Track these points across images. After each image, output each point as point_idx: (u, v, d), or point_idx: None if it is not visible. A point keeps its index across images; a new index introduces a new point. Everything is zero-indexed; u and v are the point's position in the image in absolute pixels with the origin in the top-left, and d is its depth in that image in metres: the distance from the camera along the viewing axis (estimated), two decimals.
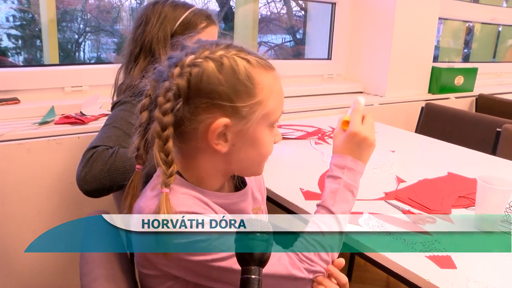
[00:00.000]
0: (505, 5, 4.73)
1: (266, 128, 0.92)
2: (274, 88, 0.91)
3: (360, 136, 1.05)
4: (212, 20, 1.51)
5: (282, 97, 0.94)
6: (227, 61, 0.86)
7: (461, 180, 1.65)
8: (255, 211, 1.11)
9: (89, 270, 0.83)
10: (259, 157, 0.95)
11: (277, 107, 0.92)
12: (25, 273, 1.85)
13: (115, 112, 1.41)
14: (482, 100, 3.44)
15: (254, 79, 0.87)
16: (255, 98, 0.87)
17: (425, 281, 1.01)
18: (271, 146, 0.95)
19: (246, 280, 0.69)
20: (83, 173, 1.23)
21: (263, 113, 0.89)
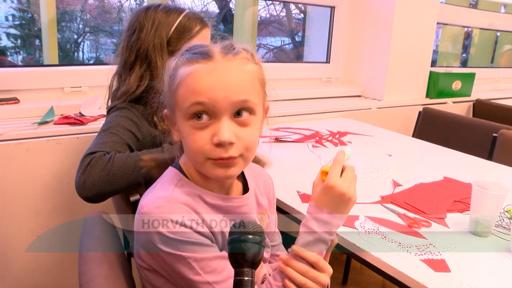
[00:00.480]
0: (503, 10, 4.75)
1: (184, 121, 0.90)
2: (184, 79, 0.89)
3: (336, 190, 0.96)
4: (205, 23, 1.51)
5: (195, 85, 0.88)
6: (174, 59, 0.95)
7: (456, 184, 1.66)
8: (260, 217, 1.12)
9: (87, 269, 0.84)
10: (190, 152, 0.92)
11: (186, 97, 0.88)
12: (22, 273, 1.85)
13: (111, 118, 1.42)
14: (479, 105, 3.45)
15: (174, 74, 0.92)
16: (171, 89, 0.92)
17: (419, 284, 1.03)
18: (197, 143, 0.89)
19: (239, 282, 0.70)
20: (81, 180, 1.24)
21: (174, 104, 0.92)
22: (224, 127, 0.87)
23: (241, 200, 1.03)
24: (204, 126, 0.88)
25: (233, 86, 0.88)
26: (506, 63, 5.04)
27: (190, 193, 0.94)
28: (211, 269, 0.89)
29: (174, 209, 0.88)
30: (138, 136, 1.41)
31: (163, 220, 0.86)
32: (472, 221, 1.28)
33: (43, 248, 1.87)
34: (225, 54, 0.90)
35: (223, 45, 0.92)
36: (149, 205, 0.89)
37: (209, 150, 0.88)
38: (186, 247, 0.87)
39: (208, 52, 0.89)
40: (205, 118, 0.88)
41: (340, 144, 2.13)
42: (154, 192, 0.95)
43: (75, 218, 1.88)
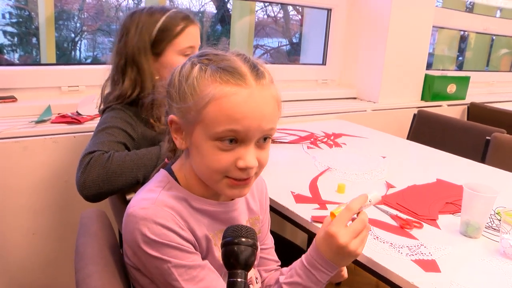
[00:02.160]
0: (498, 15, 4.78)
1: (208, 140, 0.89)
2: (218, 101, 0.87)
3: (336, 241, 0.93)
4: (189, 20, 1.50)
5: (233, 112, 0.87)
6: (188, 66, 0.93)
7: (449, 186, 1.69)
8: (252, 221, 1.14)
9: (83, 265, 0.86)
10: (205, 168, 0.93)
11: (218, 121, 0.87)
12: (19, 270, 1.86)
13: (106, 118, 1.44)
14: (473, 109, 3.48)
15: (196, 87, 0.89)
16: (188, 103, 0.90)
17: (409, 284, 1.04)
18: (218, 163, 0.90)
19: (232, 283, 0.73)
20: (82, 179, 1.25)
21: (198, 120, 0.89)
22: (251, 154, 0.90)
23: (229, 205, 1.04)
24: (230, 149, 0.89)
25: (265, 116, 0.90)
26: (504, 67, 5.07)
27: (177, 197, 0.95)
28: (189, 277, 0.90)
29: (158, 211, 0.89)
30: (133, 136, 1.43)
31: (147, 221, 0.87)
32: (463, 222, 1.30)
33: (39, 246, 1.88)
34: (256, 79, 0.90)
35: (251, 65, 0.91)
36: (135, 206, 0.90)
37: (230, 171, 0.90)
38: (167, 251, 0.88)
39: (240, 73, 0.89)
40: (233, 142, 0.89)
41: (335, 145, 2.15)
42: (141, 193, 0.96)
43: (71, 216, 1.89)
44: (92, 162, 1.26)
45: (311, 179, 1.66)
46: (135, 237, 0.87)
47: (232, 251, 0.75)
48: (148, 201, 0.91)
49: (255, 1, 3.13)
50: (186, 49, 1.48)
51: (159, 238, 0.87)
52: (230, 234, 0.77)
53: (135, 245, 0.88)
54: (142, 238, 0.87)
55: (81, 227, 1.02)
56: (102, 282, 0.81)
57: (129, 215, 0.90)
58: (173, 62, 1.46)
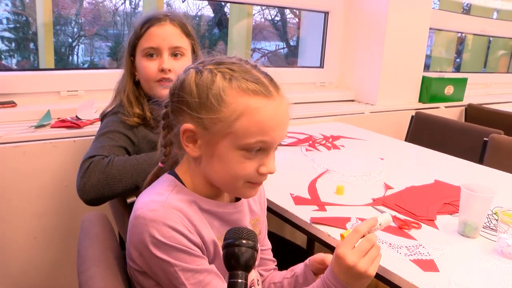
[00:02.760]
0: (495, 16, 4.80)
1: (235, 149, 0.92)
2: (250, 113, 0.91)
3: (345, 262, 0.94)
4: (153, 21, 1.49)
5: (265, 125, 0.91)
6: (207, 75, 0.93)
7: (447, 187, 1.70)
8: (254, 222, 1.15)
9: (85, 268, 0.87)
10: (227, 176, 0.96)
11: (250, 132, 0.91)
12: (20, 274, 1.87)
13: (107, 123, 1.47)
14: (471, 110, 3.49)
15: (223, 98, 0.91)
16: (216, 114, 0.91)
17: (408, 283, 1.05)
18: (244, 171, 0.94)
19: (232, 284, 0.74)
20: (82, 184, 1.26)
21: (227, 131, 0.91)
22: (273, 161, 0.98)
23: (235, 206, 1.07)
24: (254, 157, 0.94)
25: (286, 125, 0.98)
26: (501, 68, 5.09)
27: (186, 200, 0.97)
28: (196, 281, 0.91)
29: (167, 213, 0.90)
30: (133, 140, 1.44)
31: (156, 223, 0.88)
32: (460, 222, 1.31)
33: (40, 250, 1.88)
34: (276, 90, 0.96)
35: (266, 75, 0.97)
36: (143, 208, 0.91)
37: (253, 176, 0.96)
38: (175, 254, 0.89)
39: (264, 85, 0.93)
40: (257, 151, 0.94)
41: (333, 147, 2.16)
42: (149, 196, 0.97)
43: (72, 220, 1.89)
44: (92, 167, 1.27)
45: (310, 181, 1.67)
46: (144, 239, 0.88)
47: (233, 253, 0.76)
48: (157, 204, 0.92)
49: (252, 5, 3.14)
50: (147, 50, 1.48)
51: (168, 240, 0.88)
52: (231, 236, 0.79)
53: (143, 247, 0.89)
54: (151, 240, 0.88)
55: (82, 230, 1.03)
56: (104, 284, 0.82)
57: (137, 217, 0.90)
58: (139, 64, 1.51)
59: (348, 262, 0.94)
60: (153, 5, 2.72)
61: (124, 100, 1.50)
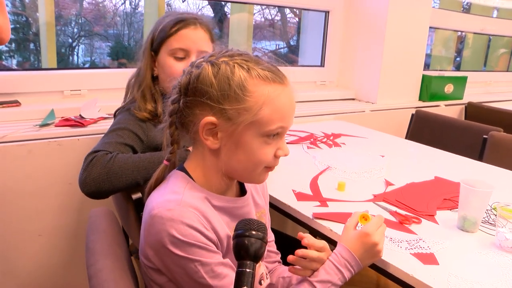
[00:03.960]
0: (495, 15, 4.81)
1: (258, 137, 0.97)
2: (272, 100, 0.95)
3: (371, 239, 1.07)
4: (187, 23, 1.52)
5: (284, 111, 0.97)
6: (225, 67, 0.95)
7: (447, 183, 1.72)
8: (259, 215, 1.19)
9: (94, 261, 0.89)
10: (250, 163, 1.00)
11: (272, 119, 0.96)
12: (24, 271, 1.89)
13: (119, 119, 1.49)
14: (471, 108, 3.51)
15: (246, 88, 0.94)
16: (242, 104, 0.94)
17: (409, 276, 1.08)
18: (266, 156, 0.99)
19: (241, 273, 0.76)
20: (83, 177, 1.29)
21: (252, 120, 0.95)
22: (286, 144, 1.04)
23: (242, 201, 1.10)
24: (272, 142, 0.99)
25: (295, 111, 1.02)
26: (501, 66, 5.10)
27: (199, 197, 0.99)
28: (215, 274, 0.93)
29: (184, 212, 0.92)
30: (143, 139, 1.46)
31: (174, 223, 0.90)
32: (460, 217, 1.33)
33: (45, 247, 1.91)
34: (285, 77, 1.00)
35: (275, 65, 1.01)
36: (160, 207, 0.93)
37: (271, 161, 1.02)
38: (195, 250, 0.91)
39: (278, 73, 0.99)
40: (275, 136, 0.99)
41: (334, 145, 2.18)
42: (164, 194, 0.99)
43: (76, 217, 1.92)
44: (95, 161, 1.29)
45: (312, 178, 1.69)
46: (162, 238, 0.90)
47: (243, 243, 0.78)
48: (174, 203, 0.94)
49: (253, 4, 3.16)
50: (176, 50, 1.50)
51: (186, 238, 0.90)
52: (241, 227, 0.81)
53: (160, 246, 0.91)
54: (170, 239, 0.90)
55: (90, 225, 1.05)
56: (113, 276, 0.85)
57: (154, 217, 0.92)
58: (163, 62, 1.52)
59: (374, 239, 1.07)
60: (154, 5, 2.74)
61: (137, 95, 1.51)
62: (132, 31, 3.11)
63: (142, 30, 2.91)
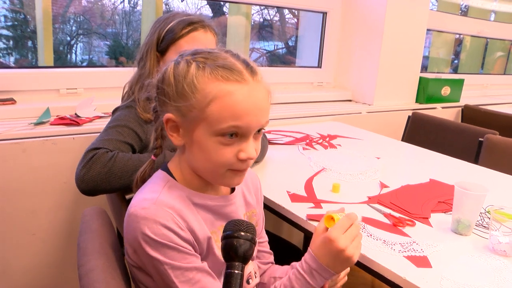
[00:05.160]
0: (492, 18, 4.82)
1: (211, 136, 0.94)
2: (221, 98, 0.92)
3: (336, 246, 0.98)
4: (198, 26, 1.53)
5: (236, 109, 0.92)
6: (183, 65, 0.96)
7: (441, 186, 1.72)
8: (249, 215, 1.17)
9: (85, 261, 0.88)
10: (208, 163, 0.97)
11: (222, 117, 0.92)
12: (19, 270, 1.88)
13: (119, 116, 1.48)
14: (467, 111, 3.52)
15: (196, 85, 0.93)
16: (190, 101, 0.94)
17: (401, 279, 1.07)
18: (223, 157, 0.95)
19: (229, 274, 0.76)
20: (82, 173, 1.28)
21: (201, 117, 0.93)
22: (251, 147, 0.96)
23: (228, 199, 1.08)
24: (231, 143, 0.95)
25: (262, 111, 0.96)
26: (498, 69, 5.11)
27: (178, 196, 0.98)
28: (186, 279, 0.92)
29: (159, 211, 0.92)
30: (141, 137, 1.46)
31: (147, 221, 0.90)
32: (454, 220, 1.33)
33: (39, 246, 1.90)
34: (252, 75, 0.95)
35: (243, 62, 0.97)
36: (136, 206, 0.93)
37: (233, 163, 0.96)
38: (166, 251, 0.90)
39: (238, 70, 0.94)
40: (233, 136, 0.94)
41: (330, 146, 2.18)
42: (142, 193, 0.99)
43: (70, 216, 1.91)
44: (95, 159, 1.28)
45: (307, 179, 1.69)
46: (136, 236, 0.90)
47: (232, 244, 0.78)
48: (149, 201, 0.94)
49: (251, 5, 3.16)
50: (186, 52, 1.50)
51: (159, 238, 0.89)
52: (230, 228, 0.81)
53: (136, 244, 0.91)
54: (143, 237, 0.89)
55: (82, 224, 1.05)
56: (104, 276, 0.84)
57: (130, 215, 0.92)
58: None
59: (339, 246, 0.98)
60: (152, 4, 2.74)
61: (141, 96, 1.50)
62: (130, 30, 3.10)
63: (140, 29, 2.91)
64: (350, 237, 1.00)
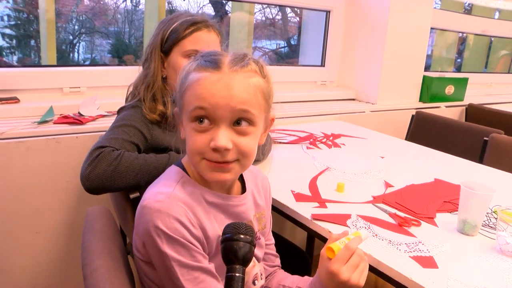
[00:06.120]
0: (497, 16, 4.80)
1: (188, 123, 0.97)
2: (193, 85, 0.95)
3: (339, 278, 0.96)
4: (201, 26, 1.53)
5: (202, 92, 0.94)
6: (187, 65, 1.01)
7: (447, 186, 1.71)
8: (258, 216, 1.17)
9: (90, 260, 0.88)
10: (189, 152, 0.98)
11: (190, 101, 0.95)
12: (20, 269, 1.88)
13: (125, 115, 1.47)
14: (471, 110, 3.50)
15: (185, 78, 0.98)
16: (180, 91, 0.99)
17: (407, 279, 1.07)
18: (194, 144, 0.95)
19: (230, 278, 0.76)
20: (87, 171, 1.27)
21: (182, 106, 0.98)
22: (222, 134, 0.93)
23: (239, 199, 1.08)
24: (205, 130, 0.95)
25: (235, 96, 0.93)
26: (502, 68, 5.09)
27: (191, 192, 0.99)
28: (191, 277, 0.92)
29: (173, 205, 0.92)
30: (147, 137, 1.46)
31: (161, 214, 0.90)
32: (460, 220, 1.32)
33: (42, 245, 1.90)
34: (232, 65, 0.95)
35: (235, 56, 0.97)
36: (150, 199, 0.94)
37: (206, 152, 0.95)
38: (175, 247, 0.91)
39: (217, 62, 0.95)
40: (206, 122, 0.94)
41: (334, 146, 2.17)
42: (156, 187, 0.99)
43: (73, 215, 1.91)
44: (101, 157, 1.28)
45: (311, 178, 1.68)
46: (148, 229, 0.90)
47: (231, 247, 0.78)
48: (164, 195, 0.94)
49: (253, 3, 3.15)
50: (190, 52, 1.50)
51: (171, 232, 0.90)
52: (229, 231, 0.80)
53: (147, 236, 0.91)
54: (155, 230, 0.90)
55: (86, 223, 1.04)
56: (109, 276, 0.84)
57: (143, 207, 0.93)
58: (177, 63, 1.51)
59: (343, 278, 0.95)
60: (154, 3, 2.73)
61: (147, 95, 1.50)
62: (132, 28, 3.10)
63: (142, 28, 2.91)
64: (351, 267, 0.97)
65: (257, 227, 1.16)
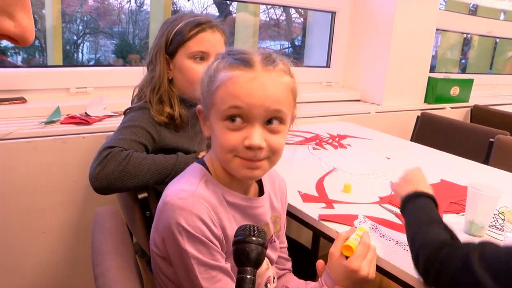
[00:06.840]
0: (502, 17, 4.79)
1: (219, 121, 0.96)
2: (226, 83, 0.95)
3: (360, 275, 1.02)
4: (206, 26, 1.52)
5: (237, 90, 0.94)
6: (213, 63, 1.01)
7: (453, 187, 1.71)
8: (274, 219, 1.18)
9: (101, 260, 0.88)
10: (219, 149, 0.98)
11: (224, 100, 0.94)
12: (27, 269, 1.89)
13: (133, 116, 1.47)
14: (477, 111, 3.50)
15: (211, 75, 0.98)
16: (210, 89, 0.98)
17: (415, 279, 1.07)
18: (228, 142, 0.95)
19: (241, 280, 0.76)
20: (96, 171, 1.27)
21: (212, 104, 0.98)
22: (256, 133, 0.95)
23: (258, 201, 1.09)
24: (238, 128, 0.95)
25: (269, 96, 0.94)
26: (510, 70, 5.07)
27: (213, 191, 1.00)
28: (209, 276, 0.94)
29: (196, 203, 0.93)
30: (155, 138, 1.46)
31: (184, 211, 0.91)
32: (467, 221, 1.32)
33: (49, 244, 1.91)
34: (265, 65, 0.96)
35: (264, 55, 0.98)
36: (173, 196, 0.94)
37: (239, 150, 0.96)
38: (196, 245, 0.92)
39: (249, 61, 0.95)
40: (239, 121, 0.94)
41: (340, 146, 2.17)
42: (179, 184, 1.00)
43: (80, 215, 1.92)
44: (110, 157, 1.28)
45: (318, 179, 1.68)
46: (170, 225, 0.91)
47: (243, 249, 0.78)
48: (187, 193, 0.95)
49: (259, 4, 3.15)
50: (195, 53, 1.50)
51: (192, 229, 0.91)
52: (241, 233, 0.80)
53: (168, 233, 0.92)
54: (177, 227, 0.91)
55: (96, 223, 1.05)
56: (120, 276, 0.84)
57: (166, 204, 0.94)
58: (182, 65, 1.50)
59: (363, 274, 1.02)
60: (159, 3, 2.74)
61: (154, 98, 1.50)
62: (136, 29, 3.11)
63: (147, 28, 2.91)
64: (368, 262, 1.05)
65: (273, 230, 1.17)
